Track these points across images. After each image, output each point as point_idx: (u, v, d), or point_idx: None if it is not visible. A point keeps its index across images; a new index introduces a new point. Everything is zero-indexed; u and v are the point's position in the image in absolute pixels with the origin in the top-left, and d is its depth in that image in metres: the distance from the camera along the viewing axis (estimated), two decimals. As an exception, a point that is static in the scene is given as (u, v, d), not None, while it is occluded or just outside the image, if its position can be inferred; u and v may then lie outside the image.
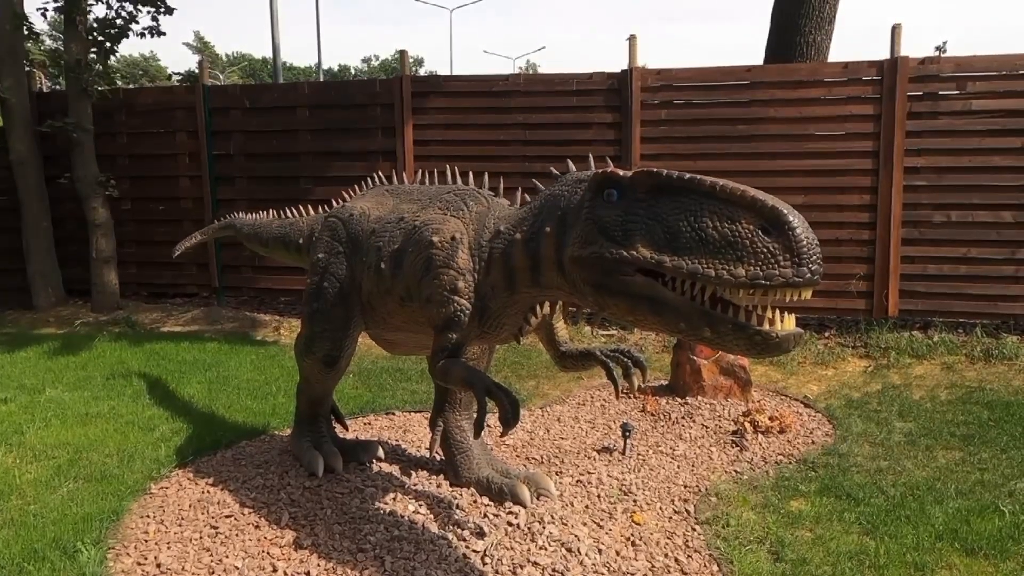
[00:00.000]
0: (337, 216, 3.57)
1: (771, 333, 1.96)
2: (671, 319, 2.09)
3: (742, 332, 1.98)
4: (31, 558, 3.07)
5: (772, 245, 1.90)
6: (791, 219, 1.91)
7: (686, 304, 2.05)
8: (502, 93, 7.22)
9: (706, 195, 2.02)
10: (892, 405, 5.05)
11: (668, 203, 2.08)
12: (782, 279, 1.89)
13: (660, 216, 2.08)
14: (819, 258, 1.91)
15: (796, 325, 2.01)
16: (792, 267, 1.89)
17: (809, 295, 1.97)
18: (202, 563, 3.03)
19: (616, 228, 2.17)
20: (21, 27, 7.58)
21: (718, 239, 1.96)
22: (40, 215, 7.86)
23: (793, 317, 2.01)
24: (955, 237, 6.49)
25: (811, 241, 1.91)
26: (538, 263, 2.49)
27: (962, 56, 6.46)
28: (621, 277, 2.16)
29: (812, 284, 1.91)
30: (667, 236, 2.05)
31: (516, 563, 2.99)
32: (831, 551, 3.17)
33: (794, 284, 1.89)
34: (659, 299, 2.10)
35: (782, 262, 1.89)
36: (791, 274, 1.89)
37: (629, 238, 2.13)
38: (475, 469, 3.61)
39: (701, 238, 1.98)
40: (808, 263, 1.89)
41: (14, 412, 4.85)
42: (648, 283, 2.11)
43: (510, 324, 2.82)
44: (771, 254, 1.90)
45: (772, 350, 1.98)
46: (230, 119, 7.82)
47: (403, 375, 5.73)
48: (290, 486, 3.65)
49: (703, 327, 2.03)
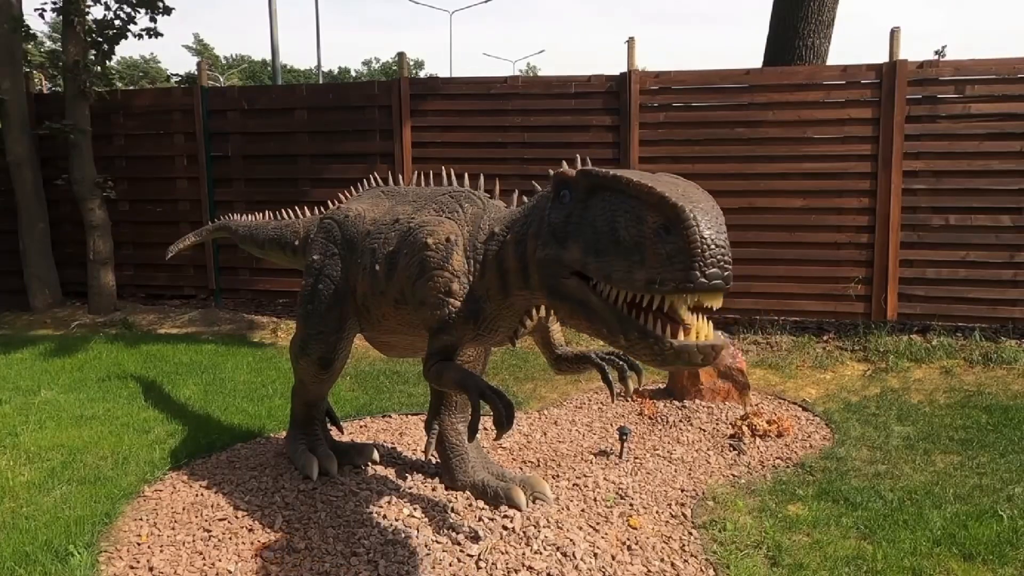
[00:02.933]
0: (333, 218, 3.55)
1: (664, 342, 1.83)
2: (597, 323, 2.03)
3: (644, 340, 1.87)
4: (22, 561, 3.05)
5: (669, 246, 1.76)
6: (688, 216, 1.74)
7: (607, 309, 1.97)
8: (500, 95, 7.22)
9: (622, 192, 1.93)
10: (890, 409, 5.03)
11: (599, 203, 2.00)
12: (672, 283, 1.75)
13: (591, 217, 2.02)
14: (723, 261, 1.75)
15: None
16: (684, 271, 1.74)
17: (717, 302, 1.82)
18: (195, 567, 3.01)
19: (561, 229, 2.13)
20: (19, 29, 7.57)
21: (627, 240, 1.86)
22: (37, 217, 7.85)
23: (709, 326, 1.87)
24: (954, 241, 6.48)
25: (708, 242, 1.74)
26: (526, 265, 2.46)
27: (961, 60, 6.45)
28: (561, 280, 2.12)
29: (712, 289, 1.76)
30: (594, 238, 1.98)
31: (511, 567, 2.97)
32: (828, 556, 3.15)
33: (685, 289, 1.75)
34: (587, 303, 2.05)
35: (676, 265, 1.75)
36: (682, 278, 1.74)
37: (567, 240, 2.09)
38: (471, 472, 3.59)
39: (615, 239, 1.90)
40: (701, 267, 1.73)
41: (8, 414, 4.83)
42: (579, 286, 2.07)
43: (505, 327, 2.80)
44: (667, 256, 1.76)
45: (669, 360, 1.85)
46: (228, 121, 7.81)
47: (399, 378, 5.72)
48: (284, 489, 3.63)
49: (619, 333, 1.95)
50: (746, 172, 6.73)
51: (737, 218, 6.68)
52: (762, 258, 6.76)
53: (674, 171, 2.21)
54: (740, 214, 6.67)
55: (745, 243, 6.74)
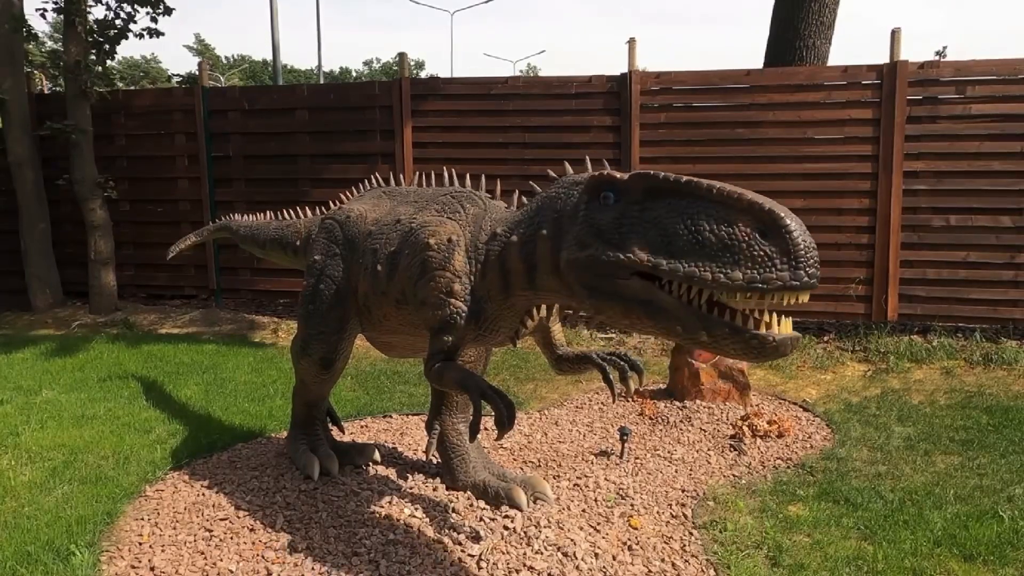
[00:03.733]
0: (334, 218, 3.56)
1: (767, 337, 1.94)
2: (667, 323, 2.08)
3: (738, 336, 1.96)
4: (24, 561, 3.05)
5: (769, 248, 1.88)
6: (788, 222, 1.89)
7: (682, 308, 2.03)
8: (501, 96, 7.22)
9: (702, 198, 2.01)
10: (891, 410, 5.03)
11: (663, 206, 2.07)
12: (779, 283, 1.87)
13: (656, 219, 2.07)
14: (816, 262, 1.90)
15: (794, 329, 2.00)
16: (789, 271, 1.87)
17: (806, 299, 1.95)
18: (196, 566, 3.01)
19: (612, 231, 2.16)
20: (20, 29, 7.58)
21: (715, 242, 1.94)
22: (38, 217, 7.85)
23: (790, 321, 1.99)
24: (954, 241, 6.48)
25: (808, 245, 1.89)
26: (534, 266, 2.47)
27: (961, 60, 6.45)
28: (617, 280, 2.14)
29: (809, 288, 1.90)
30: (663, 239, 2.03)
31: (512, 567, 2.97)
32: (829, 556, 3.15)
33: (791, 288, 1.88)
34: (655, 303, 2.08)
35: (779, 266, 1.87)
36: (788, 278, 1.87)
37: (624, 241, 2.12)
38: (471, 472, 3.59)
39: (697, 241, 1.97)
40: (805, 267, 1.87)
41: (10, 413, 4.83)
42: (645, 286, 2.10)
43: (506, 327, 2.80)
44: (768, 258, 1.88)
45: (769, 354, 1.96)
46: (229, 121, 7.82)
47: (400, 378, 5.72)
48: (286, 489, 3.63)
49: (699, 331, 2.02)
50: (747, 172, 6.73)
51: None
52: (763, 258, 6.74)
53: (675, 171, 2.24)
54: (741, 215, 6.66)
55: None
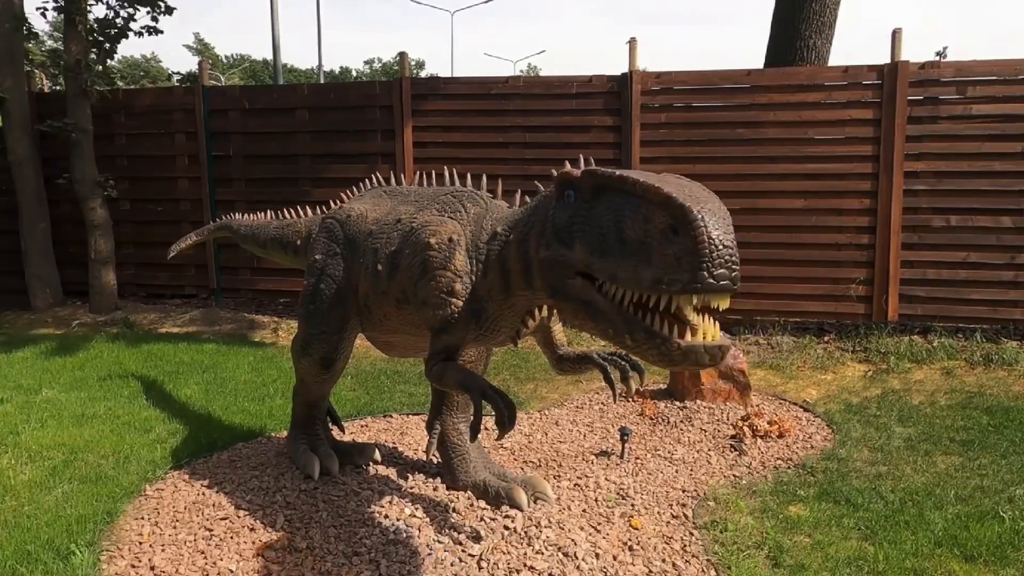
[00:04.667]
0: (335, 217, 3.55)
1: (671, 343, 1.83)
2: (603, 324, 2.03)
3: (651, 341, 1.87)
4: (24, 560, 3.05)
5: (677, 247, 1.76)
6: (697, 218, 1.74)
7: (612, 309, 1.98)
8: (501, 96, 7.22)
9: (629, 193, 1.93)
10: (891, 410, 5.03)
11: (604, 203, 2.01)
12: (679, 284, 1.76)
13: (596, 217, 2.02)
14: (730, 263, 1.75)
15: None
16: (690, 271, 1.74)
17: (724, 303, 1.82)
18: (196, 566, 3.01)
19: (565, 230, 2.13)
20: (20, 28, 7.57)
21: (634, 240, 1.87)
22: (38, 216, 7.85)
23: (716, 327, 1.87)
24: (955, 242, 6.48)
25: (716, 242, 1.74)
26: (529, 265, 2.46)
27: (962, 61, 6.44)
28: (566, 280, 2.13)
29: (716, 290, 1.75)
30: (599, 237, 1.99)
31: (512, 567, 2.97)
32: (829, 557, 3.15)
33: (693, 290, 1.75)
34: (592, 303, 2.05)
35: (684, 265, 1.75)
36: (690, 279, 1.74)
37: (571, 240, 2.09)
38: (472, 472, 3.59)
39: (621, 239, 1.91)
40: (710, 268, 1.73)
41: (10, 412, 4.83)
42: (584, 286, 2.07)
43: (507, 327, 2.80)
44: (675, 256, 1.76)
45: (676, 361, 1.85)
46: (229, 120, 7.81)
47: (401, 377, 5.72)
48: (286, 488, 3.63)
49: (624, 333, 1.95)
50: (747, 173, 6.73)
51: (738, 219, 6.57)
52: (763, 259, 6.75)
53: (675, 171, 2.21)
54: (741, 215, 6.66)
55: (746, 244, 6.73)
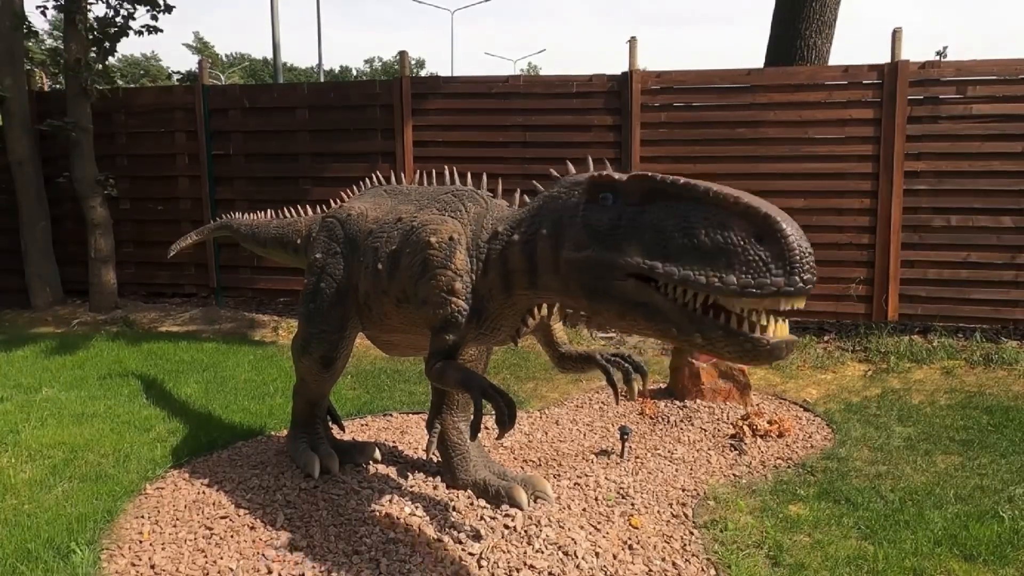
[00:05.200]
0: (335, 216, 3.55)
1: (761, 340, 1.93)
2: (663, 325, 2.07)
3: (733, 339, 1.95)
4: (24, 558, 3.05)
5: (764, 253, 1.87)
6: (784, 227, 1.87)
7: (677, 310, 2.02)
8: (502, 95, 7.22)
9: (698, 200, 2.00)
10: (891, 410, 5.03)
11: (661, 208, 2.06)
12: (773, 288, 1.86)
13: (652, 221, 2.06)
14: (812, 267, 1.88)
15: (793, 331, 2.00)
16: (784, 276, 1.85)
17: (802, 304, 1.94)
18: (196, 564, 3.01)
19: (608, 233, 2.15)
20: (20, 26, 7.57)
21: (710, 246, 1.93)
22: (38, 215, 7.85)
23: (786, 324, 1.98)
24: (955, 241, 6.49)
25: (804, 250, 1.87)
26: (534, 265, 2.47)
27: (962, 60, 6.45)
28: (613, 282, 2.14)
29: (804, 294, 1.88)
30: (658, 241, 2.03)
31: (512, 566, 2.97)
32: (829, 556, 3.15)
33: (785, 293, 1.86)
34: (651, 305, 2.07)
35: (774, 271, 1.86)
36: (783, 283, 1.85)
37: (621, 243, 2.11)
38: (472, 471, 3.59)
39: (693, 244, 1.96)
40: (800, 272, 1.86)
41: (10, 411, 4.83)
42: (641, 288, 2.09)
43: (507, 326, 2.80)
44: (763, 262, 1.87)
45: (763, 357, 1.95)
46: (229, 119, 7.81)
47: (401, 376, 5.72)
48: (286, 487, 3.63)
49: (694, 333, 2.01)
50: (747, 172, 6.73)
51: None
52: (763, 258, 6.75)
53: (675, 171, 2.25)
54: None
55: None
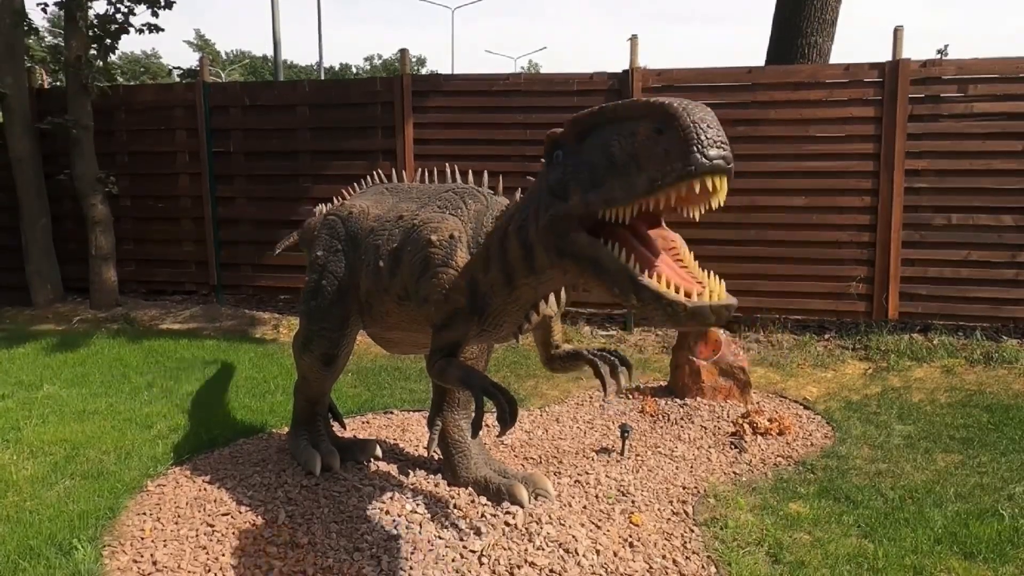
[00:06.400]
0: (336, 214, 3.56)
1: (679, 305, 1.83)
2: (608, 282, 2.02)
3: (658, 301, 1.88)
4: (26, 555, 3.06)
5: (665, 143, 1.78)
6: (678, 108, 1.76)
7: (618, 266, 1.97)
8: (502, 93, 7.21)
9: (613, 120, 1.96)
10: (891, 408, 5.04)
11: (590, 143, 2.04)
12: (675, 173, 1.75)
13: (585, 159, 2.05)
14: (718, 142, 1.75)
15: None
16: (684, 156, 1.73)
17: (723, 185, 1.80)
18: (198, 561, 3.02)
19: (560, 186, 2.14)
20: (21, 23, 7.57)
21: (624, 158, 1.88)
22: (39, 212, 7.84)
23: (722, 286, 1.89)
24: (956, 240, 6.49)
25: (701, 124, 1.74)
26: (530, 248, 2.45)
27: (963, 59, 6.44)
28: (569, 236, 2.12)
29: (713, 171, 1.74)
30: (590, 175, 2.01)
31: (513, 563, 2.98)
32: (829, 554, 3.16)
33: (688, 174, 1.74)
34: (598, 260, 2.03)
35: (674, 156, 1.74)
36: (681, 166, 1.74)
37: (566, 190, 2.10)
38: (473, 469, 3.60)
39: (612, 164, 1.92)
40: (700, 149, 1.72)
41: (11, 409, 4.84)
42: (589, 242, 2.06)
43: (510, 323, 2.80)
44: (664, 152, 1.77)
45: (685, 320, 1.85)
46: (230, 117, 7.80)
47: (401, 374, 5.72)
48: (287, 485, 3.64)
49: (630, 293, 1.95)
50: (748, 171, 6.72)
51: (739, 217, 6.69)
52: (764, 257, 6.76)
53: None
54: (742, 213, 6.68)
55: (747, 242, 6.75)
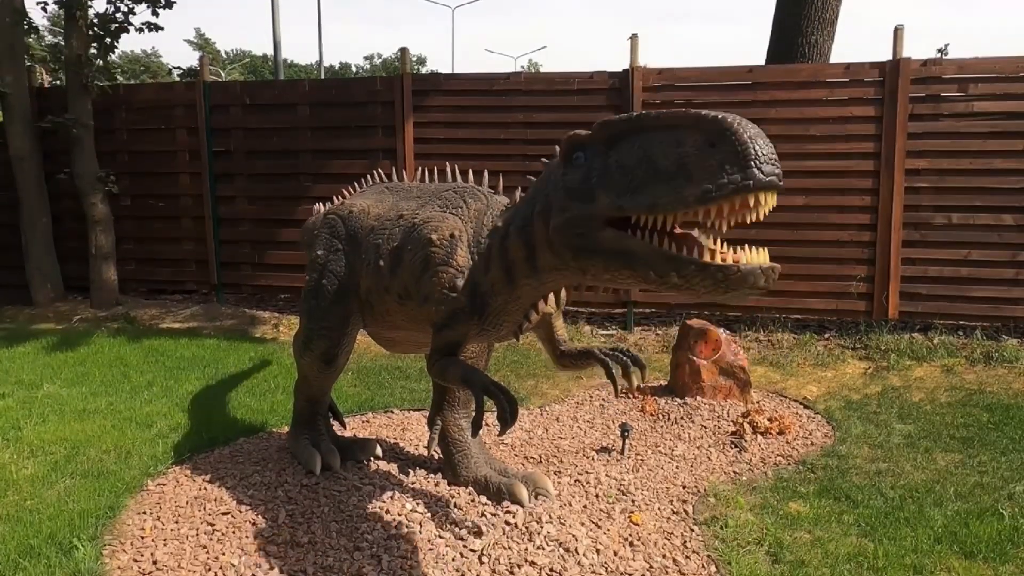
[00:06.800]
0: (337, 213, 3.56)
1: (731, 268, 1.87)
2: (642, 269, 2.04)
3: (706, 272, 1.91)
4: (27, 554, 3.06)
5: (718, 156, 1.81)
6: (733, 124, 1.80)
7: (652, 251, 2.00)
8: (503, 92, 7.21)
9: (653, 128, 1.99)
10: (891, 407, 5.04)
11: (623, 148, 2.06)
12: (731, 186, 1.78)
13: (618, 163, 2.06)
14: (771, 159, 1.79)
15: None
16: (740, 172, 1.78)
17: (772, 199, 1.84)
18: (198, 560, 3.02)
19: (583, 186, 2.16)
20: (21, 22, 7.56)
21: (669, 166, 1.91)
22: (39, 211, 7.84)
23: (765, 251, 1.93)
24: (956, 239, 6.48)
25: (757, 141, 1.79)
26: (533, 248, 2.46)
27: (964, 58, 6.44)
28: (593, 235, 2.14)
29: (766, 186, 1.79)
30: (625, 180, 2.02)
31: (514, 562, 2.98)
32: (829, 553, 3.16)
33: (744, 188, 1.78)
34: (628, 251, 2.06)
35: (730, 170, 1.79)
36: (739, 179, 1.78)
37: (593, 192, 2.12)
38: (473, 468, 3.60)
39: (654, 171, 1.94)
40: (757, 165, 1.77)
41: (11, 408, 4.84)
42: (616, 235, 2.09)
43: (510, 322, 2.81)
44: (718, 165, 1.80)
45: (736, 284, 1.89)
46: (230, 116, 7.79)
47: (402, 373, 5.72)
48: (287, 484, 3.64)
49: (670, 272, 1.97)
50: (748, 170, 6.72)
51: (739, 216, 6.68)
52: (764, 256, 6.75)
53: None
54: (742, 212, 6.67)
55: (747, 241, 6.73)
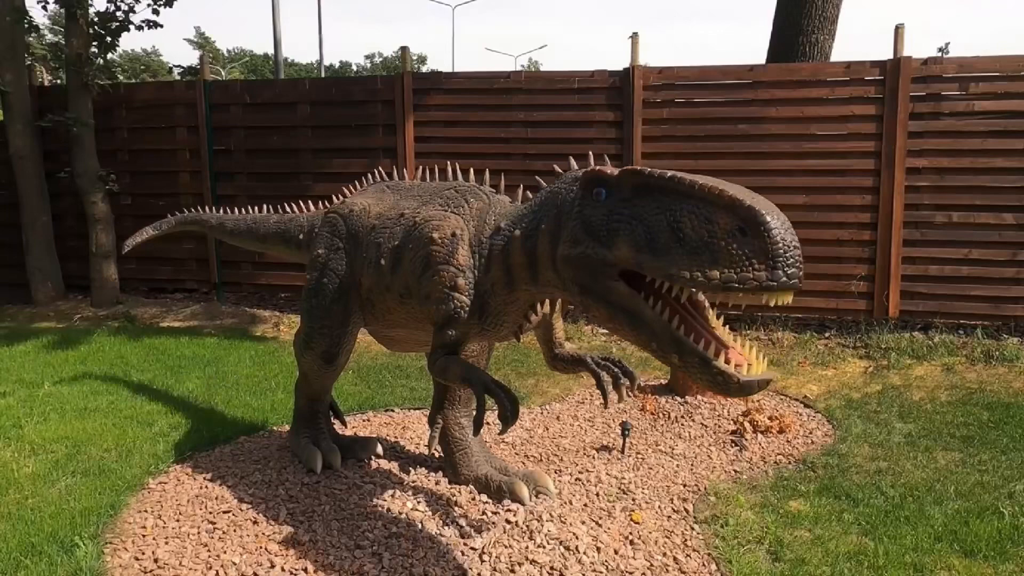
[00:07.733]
0: (337, 212, 3.56)
1: (732, 377, 1.91)
2: (645, 337, 2.07)
3: (706, 368, 1.94)
4: (28, 552, 3.06)
5: (748, 247, 1.82)
6: (768, 219, 1.82)
7: (663, 327, 2.02)
8: (503, 91, 7.21)
9: (686, 195, 1.96)
10: (892, 406, 5.04)
11: (651, 202, 2.03)
12: (755, 283, 1.81)
13: (642, 215, 2.04)
14: (797, 261, 1.83)
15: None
16: (767, 270, 1.80)
17: (788, 300, 1.89)
18: (199, 558, 3.02)
19: (601, 227, 2.14)
20: (21, 21, 7.56)
21: (695, 240, 1.90)
22: (39, 210, 7.84)
23: (765, 362, 1.98)
24: (956, 238, 6.48)
25: (788, 243, 1.82)
26: (535, 261, 2.47)
27: (964, 57, 6.44)
28: (605, 281, 2.14)
29: (788, 289, 1.83)
30: (647, 236, 2.00)
31: (514, 561, 2.98)
32: (830, 551, 3.16)
33: (767, 288, 1.81)
34: (638, 314, 2.07)
35: (756, 265, 1.81)
36: (765, 277, 1.80)
37: (612, 238, 2.10)
38: (474, 467, 3.60)
39: (679, 239, 1.93)
40: (784, 266, 1.80)
41: (12, 406, 4.84)
42: (630, 295, 2.08)
43: (510, 322, 2.81)
44: (746, 257, 1.82)
45: (732, 392, 1.94)
46: (231, 115, 7.80)
47: (402, 372, 5.73)
48: (288, 482, 3.65)
49: (672, 353, 2.00)
50: (749, 169, 6.72)
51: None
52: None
53: (677, 167, 2.23)
54: (743, 211, 6.67)
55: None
